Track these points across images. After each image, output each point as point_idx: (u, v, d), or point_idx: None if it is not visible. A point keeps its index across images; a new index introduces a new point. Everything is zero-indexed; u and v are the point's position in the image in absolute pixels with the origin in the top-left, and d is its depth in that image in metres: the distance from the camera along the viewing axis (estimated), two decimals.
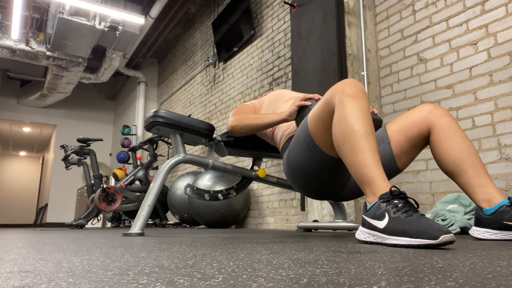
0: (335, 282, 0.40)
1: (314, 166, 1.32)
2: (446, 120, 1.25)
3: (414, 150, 1.33)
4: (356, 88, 1.12)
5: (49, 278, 0.44)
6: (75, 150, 4.47)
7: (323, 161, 1.29)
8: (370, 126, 1.07)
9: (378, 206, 0.95)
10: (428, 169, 2.44)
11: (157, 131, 1.77)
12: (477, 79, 2.25)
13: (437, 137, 1.25)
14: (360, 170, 1.02)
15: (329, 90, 1.19)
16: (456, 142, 1.22)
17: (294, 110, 1.45)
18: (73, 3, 4.71)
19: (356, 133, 1.05)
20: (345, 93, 1.12)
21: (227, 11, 4.91)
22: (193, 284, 0.40)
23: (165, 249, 0.88)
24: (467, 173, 1.20)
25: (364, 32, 2.88)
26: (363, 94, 1.12)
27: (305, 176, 1.37)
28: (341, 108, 1.11)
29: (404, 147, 1.32)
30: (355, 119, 1.07)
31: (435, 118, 1.27)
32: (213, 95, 5.42)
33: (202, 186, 3.70)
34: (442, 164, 1.26)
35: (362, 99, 1.11)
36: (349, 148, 1.06)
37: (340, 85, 1.15)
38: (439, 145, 1.25)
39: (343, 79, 1.39)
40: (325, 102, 1.19)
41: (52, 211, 8.51)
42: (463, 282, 0.39)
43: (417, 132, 1.29)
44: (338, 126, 1.11)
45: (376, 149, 1.04)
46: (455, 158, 1.22)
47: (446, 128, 1.24)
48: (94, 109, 9.41)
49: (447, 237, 0.81)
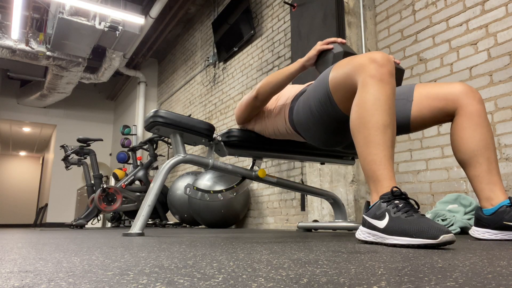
0: (335, 282, 0.40)
1: (327, 116, 1.29)
2: (477, 107, 1.20)
3: (432, 120, 1.29)
4: (385, 70, 1.03)
5: (49, 278, 0.44)
6: (75, 150, 4.47)
7: (337, 115, 1.26)
8: (390, 117, 1.00)
9: (379, 206, 0.95)
10: (428, 169, 2.44)
11: (157, 131, 1.77)
12: (477, 79, 2.25)
13: (462, 122, 1.21)
14: (369, 165, 1.00)
15: (354, 60, 1.09)
16: (479, 132, 1.18)
17: (313, 55, 1.40)
18: (73, 3, 4.71)
19: (374, 125, 1.00)
20: (370, 74, 1.03)
21: (227, 11, 4.91)
22: (193, 284, 0.40)
23: (165, 249, 0.88)
24: (481, 166, 1.17)
25: (364, 32, 2.88)
26: (390, 77, 1.03)
27: (316, 123, 1.34)
28: (363, 92, 1.03)
29: (424, 114, 1.28)
30: (375, 108, 1.00)
31: (467, 101, 1.21)
32: (213, 95, 5.42)
33: (202, 186, 3.70)
34: (458, 150, 1.21)
35: (388, 85, 1.02)
36: (362, 139, 1.02)
37: (366, 60, 1.05)
38: (462, 130, 1.20)
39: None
40: (348, 75, 1.11)
41: (52, 211, 8.51)
42: (463, 282, 0.39)
43: (443, 106, 1.24)
44: (356, 111, 1.04)
45: (390, 144, 0.99)
46: (474, 148, 1.18)
47: (475, 116, 1.20)
48: (94, 109, 9.41)
49: (447, 237, 0.80)
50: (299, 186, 2.23)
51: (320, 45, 1.40)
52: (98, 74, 6.88)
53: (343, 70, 1.15)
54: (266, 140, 1.87)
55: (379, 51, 1.10)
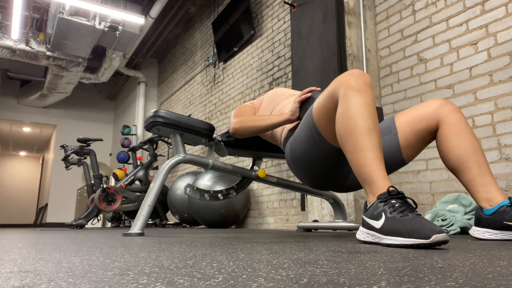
0: (335, 282, 0.40)
1: (318, 155, 1.30)
2: (456, 116, 1.23)
3: (420, 143, 1.31)
4: (361, 80, 1.09)
5: (49, 278, 0.44)
6: (75, 150, 4.47)
7: (327, 151, 1.27)
8: (373, 122, 1.04)
9: (376, 206, 0.96)
10: (428, 169, 2.44)
11: (157, 131, 1.77)
12: (477, 79, 2.25)
13: (445, 132, 1.23)
14: (361, 169, 1.01)
15: (335, 80, 1.16)
16: (463, 138, 1.21)
17: (295, 108, 1.43)
18: (73, 3, 4.71)
19: (359, 130, 1.03)
20: (349, 86, 1.09)
21: (227, 11, 4.91)
22: (193, 284, 0.40)
23: (165, 249, 0.88)
24: (472, 171, 1.18)
25: (364, 32, 2.88)
26: (368, 87, 1.09)
27: (308, 165, 1.36)
28: (345, 102, 1.08)
29: (411, 140, 1.30)
30: (359, 115, 1.05)
31: (445, 113, 1.24)
32: (213, 95, 5.42)
33: (202, 186, 3.70)
34: (447, 159, 1.24)
35: (367, 93, 1.08)
36: (351, 145, 1.05)
37: (345, 77, 1.12)
38: (446, 140, 1.23)
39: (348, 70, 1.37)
40: (330, 93, 1.17)
41: (52, 211, 8.51)
42: (463, 282, 0.39)
43: (426, 126, 1.27)
44: (341, 121, 1.09)
45: (378, 146, 1.02)
46: (461, 154, 1.20)
47: (455, 124, 1.22)
48: (94, 109, 9.41)
49: (439, 236, 0.80)
50: (299, 186, 2.23)
51: (299, 97, 1.43)
52: (98, 74, 6.88)
53: (324, 93, 1.20)
54: (266, 141, 1.87)
55: (355, 69, 1.16)
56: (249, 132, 1.58)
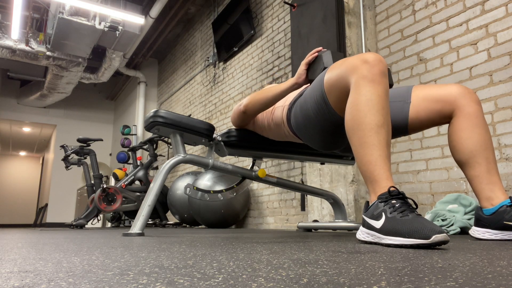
0: (335, 282, 0.40)
1: (324, 119, 1.29)
2: (474, 108, 1.20)
3: (428, 123, 1.29)
4: (377, 70, 1.03)
5: (49, 278, 0.44)
6: (75, 150, 4.47)
7: (333, 118, 1.26)
8: (383, 117, 1.00)
9: (376, 206, 0.96)
10: (428, 169, 2.44)
11: (157, 131, 1.77)
12: (477, 79, 2.25)
13: (460, 123, 1.20)
14: (365, 166, 1.00)
15: (347, 62, 1.10)
16: (478, 133, 1.18)
17: (302, 70, 1.39)
18: (73, 3, 4.71)
19: (367, 126, 1.00)
20: (362, 75, 1.03)
21: (227, 11, 4.91)
22: (193, 284, 0.40)
23: (165, 249, 0.88)
24: (480, 167, 1.17)
25: (364, 32, 2.88)
26: (382, 77, 1.03)
27: (317, 126, 1.34)
28: (356, 93, 1.04)
29: (421, 116, 1.28)
30: (368, 108, 1.01)
31: (464, 103, 1.21)
32: (213, 95, 5.42)
33: (202, 186, 3.70)
34: (457, 151, 1.21)
35: (380, 85, 1.02)
36: (357, 140, 1.02)
37: (358, 61, 1.06)
38: (461, 131, 1.20)
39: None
40: (341, 76, 1.11)
41: (52, 211, 8.51)
42: (463, 282, 0.39)
43: (440, 109, 1.24)
44: (350, 112, 1.05)
45: (385, 144, 0.99)
46: (472, 148, 1.18)
47: (472, 116, 1.19)
48: (94, 109, 9.41)
49: (439, 236, 0.80)
50: (299, 186, 2.23)
51: (306, 59, 1.41)
52: (98, 74, 6.88)
53: (336, 71, 1.15)
54: (266, 140, 1.87)
55: (371, 52, 1.09)
56: (259, 105, 1.55)
